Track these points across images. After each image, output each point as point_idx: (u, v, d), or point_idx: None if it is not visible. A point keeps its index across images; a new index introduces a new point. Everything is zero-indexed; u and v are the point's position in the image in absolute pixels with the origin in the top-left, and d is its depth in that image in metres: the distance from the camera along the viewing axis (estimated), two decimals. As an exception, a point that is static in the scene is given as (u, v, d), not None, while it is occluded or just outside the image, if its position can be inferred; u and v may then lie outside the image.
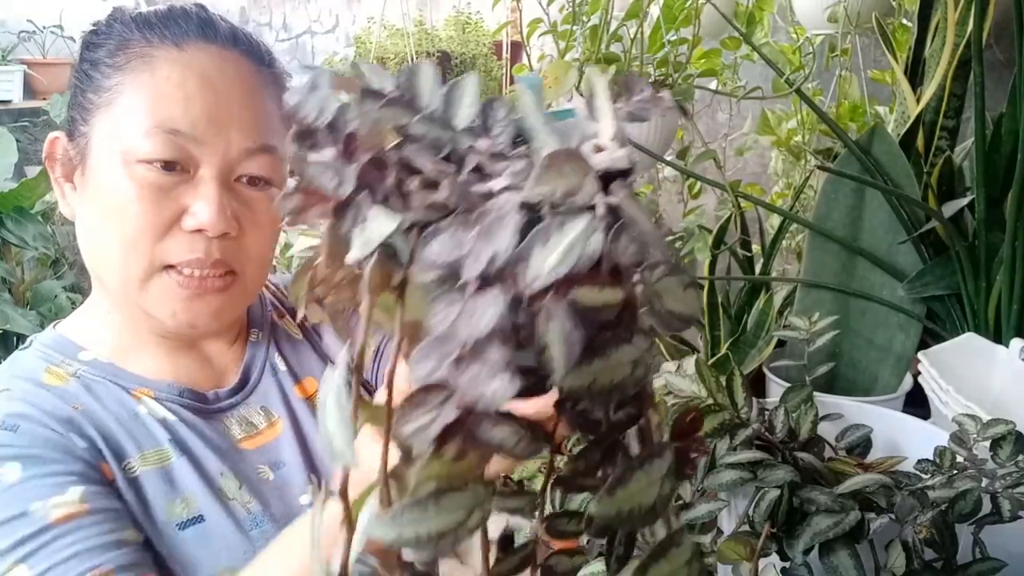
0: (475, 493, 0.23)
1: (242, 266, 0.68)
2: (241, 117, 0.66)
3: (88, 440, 0.64)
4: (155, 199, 0.64)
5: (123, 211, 0.64)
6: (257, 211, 0.69)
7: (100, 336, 0.71)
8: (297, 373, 0.79)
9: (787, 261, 1.86)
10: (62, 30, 3.38)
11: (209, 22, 0.69)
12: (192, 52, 0.66)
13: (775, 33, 1.83)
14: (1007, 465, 0.63)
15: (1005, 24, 1.30)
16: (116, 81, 0.66)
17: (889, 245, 1.23)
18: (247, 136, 0.66)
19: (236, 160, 0.67)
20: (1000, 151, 1.10)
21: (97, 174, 0.66)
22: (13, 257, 2.09)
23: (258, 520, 0.68)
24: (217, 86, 0.66)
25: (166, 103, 0.64)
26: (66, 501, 0.58)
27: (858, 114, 1.70)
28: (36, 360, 0.69)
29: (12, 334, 1.87)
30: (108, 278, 0.67)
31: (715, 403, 0.66)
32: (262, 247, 0.70)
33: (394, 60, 1.81)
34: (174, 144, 0.64)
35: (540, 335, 0.23)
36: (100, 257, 0.67)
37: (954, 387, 0.88)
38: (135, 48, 0.66)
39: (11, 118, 3.10)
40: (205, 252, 0.65)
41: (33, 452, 0.60)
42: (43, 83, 3.27)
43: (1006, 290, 1.09)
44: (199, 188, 0.65)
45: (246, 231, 0.68)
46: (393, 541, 0.23)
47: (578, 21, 1.41)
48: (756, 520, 0.59)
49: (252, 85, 0.69)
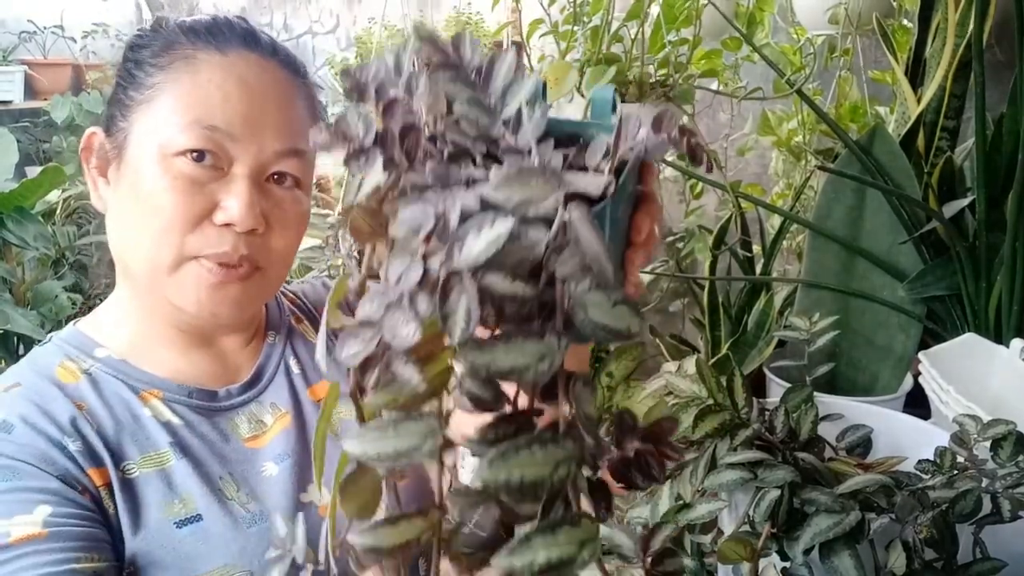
0: (428, 423, 0.28)
1: (267, 262, 0.71)
2: (276, 120, 0.70)
3: (84, 441, 0.65)
4: (189, 191, 0.66)
5: (157, 202, 0.66)
6: (285, 210, 0.71)
7: (117, 332, 0.73)
8: (310, 377, 0.81)
9: (787, 261, 1.86)
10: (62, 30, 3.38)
11: (252, 33, 0.73)
12: (234, 58, 0.69)
13: (776, 34, 1.83)
14: (1007, 465, 0.63)
15: (1005, 24, 1.30)
16: (158, 80, 0.69)
17: (890, 245, 1.23)
18: (279, 138, 0.69)
19: (268, 160, 0.69)
20: (1000, 151, 1.10)
21: (133, 167, 0.68)
22: (13, 257, 2.10)
23: (256, 518, 0.69)
24: (255, 90, 0.69)
25: (205, 101, 0.67)
26: (28, 521, 0.59)
27: (858, 114, 1.70)
28: (52, 355, 0.71)
29: (12, 334, 1.87)
30: (136, 266, 0.69)
31: (715, 403, 0.66)
32: (287, 245, 0.72)
33: (395, 60, 1.81)
34: (210, 139, 0.66)
35: (449, 304, 0.27)
36: (130, 247, 0.69)
37: (954, 387, 0.88)
38: (180, 50, 0.69)
39: (11, 118, 3.10)
40: (232, 246, 0.67)
41: (14, 464, 0.61)
42: (43, 83, 3.28)
43: (1006, 290, 1.09)
44: (232, 185, 0.68)
45: (273, 228, 0.70)
46: (360, 455, 0.27)
47: (579, 22, 1.41)
48: (756, 520, 0.59)
49: (287, 92, 0.72)
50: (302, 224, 0.74)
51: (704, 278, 1.50)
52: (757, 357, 1.35)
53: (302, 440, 0.76)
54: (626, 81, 1.37)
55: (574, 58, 1.44)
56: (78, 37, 3.45)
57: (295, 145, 0.71)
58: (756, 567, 0.57)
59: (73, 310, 2.09)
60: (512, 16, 2.16)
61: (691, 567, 0.62)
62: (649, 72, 1.42)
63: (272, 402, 0.77)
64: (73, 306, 2.11)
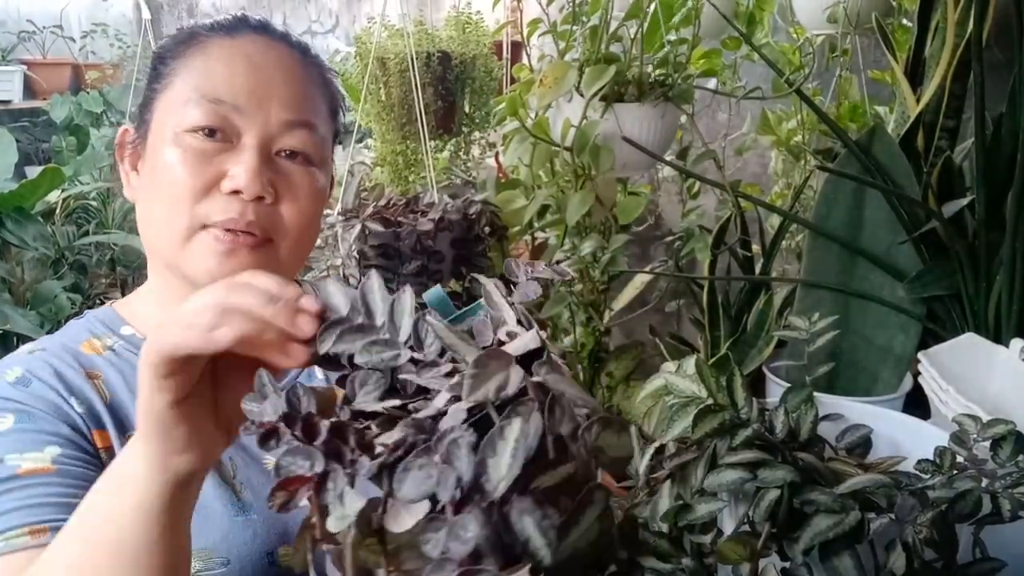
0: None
1: (277, 232, 0.72)
2: (281, 93, 0.72)
3: (88, 406, 0.69)
4: (197, 163, 0.69)
5: (169, 176, 0.70)
6: (294, 183, 0.73)
7: (144, 312, 0.78)
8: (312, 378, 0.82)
9: (787, 261, 1.86)
10: (62, 30, 3.38)
11: (265, 25, 0.77)
12: (242, 40, 0.73)
13: (775, 33, 1.83)
14: (1007, 465, 0.63)
15: (1005, 24, 1.30)
16: (173, 67, 0.73)
17: (889, 245, 1.23)
18: (286, 109, 0.72)
19: (276, 132, 0.72)
20: (1000, 151, 1.10)
21: (153, 151, 0.72)
22: (13, 257, 2.09)
23: (245, 508, 0.71)
24: (259, 65, 0.72)
25: (212, 77, 0.71)
26: (38, 457, 0.64)
27: (858, 114, 1.70)
28: (82, 330, 0.77)
29: (12, 334, 1.87)
30: (156, 243, 0.73)
31: (715, 403, 0.66)
32: (299, 216, 0.73)
33: (394, 60, 1.81)
34: (216, 113, 0.69)
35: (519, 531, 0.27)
36: (152, 225, 0.73)
37: (954, 387, 0.88)
38: (195, 41, 0.73)
39: (11, 118, 3.10)
40: (239, 212, 0.69)
41: (29, 408, 0.66)
42: (43, 83, 3.27)
43: (1006, 290, 1.09)
44: (239, 155, 0.70)
45: (282, 199, 0.72)
46: None
47: (578, 21, 1.41)
48: (756, 520, 0.59)
49: (294, 68, 0.75)
50: (316, 199, 0.75)
51: (703, 278, 1.50)
52: (757, 357, 1.34)
53: None
54: (625, 81, 1.37)
55: (573, 58, 1.44)
56: (77, 37, 3.45)
57: (302, 116, 0.73)
58: (756, 567, 0.57)
59: (73, 310, 2.09)
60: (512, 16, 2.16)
61: (691, 567, 0.62)
62: (648, 72, 1.42)
63: None
64: (73, 306, 2.11)
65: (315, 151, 0.75)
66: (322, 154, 0.76)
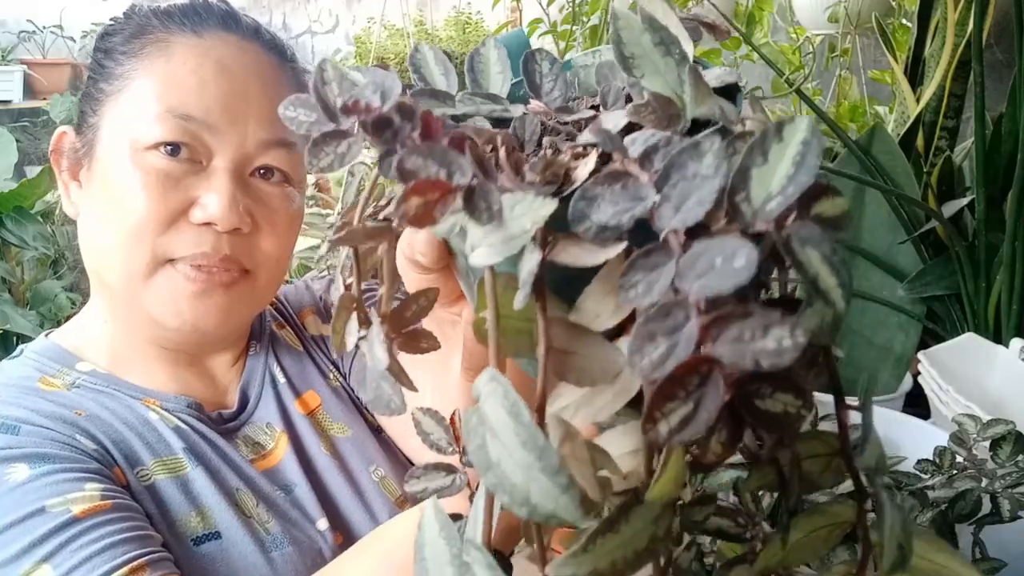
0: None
1: (255, 265, 0.64)
2: (259, 108, 0.63)
3: (96, 443, 0.59)
4: (161, 188, 0.59)
5: (128, 201, 0.60)
6: (273, 208, 0.64)
7: (97, 346, 0.67)
8: (297, 387, 0.75)
9: (787, 261, 1.86)
10: (62, 30, 3.38)
11: (232, 15, 0.66)
12: (212, 41, 0.63)
13: (775, 33, 1.83)
14: (1007, 465, 0.63)
15: (1005, 24, 1.30)
16: (128, 68, 0.62)
17: (889, 245, 1.23)
18: (264, 127, 0.62)
19: (252, 153, 0.63)
20: (1000, 151, 1.10)
21: (103, 165, 0.62)
22: (13, 257, 2.09)
23: (278, 542, 0.62)
24: (235, 74, 0.62)
25: (179, 88, 0.60)
26: (85, 496, 0.53)
27: (858, 114, 1.69)
28: (28, 369, 0.64)
29: (12, 334, 1.87)
30: (110, 276, 0.63)
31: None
32: (278, 247, 0.65)
33: (394, 60, 1.81)
34: (185, 130, 0.60)
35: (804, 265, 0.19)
36: (102, 254, 0.63)
37: (954, 387, 0.88)
38: (152, 35, 0.63)
39: (11, 118, 3.10)
40: (213, 247, 0.60)
41: (39, 451, 0.55)
42: (43, 83, 3.28)
43: (1006, 290, 1.09)
44: (211, 180, 0.61)
45: (261, 228, 0.64)
46: None
47: (578, 21, 1.41)
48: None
49: (272, 77, 0.65)
50: (294, 224, 0.67)
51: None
52: (757, 357, 1.34)
53: (300, 465, 0.69)
54: (625, 81, 1.37)
55: (573, 58, 1.44)
56: (77, 37, 3.45)
57: (282, 135, 0.64)
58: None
59: (72, 310, 2.09)
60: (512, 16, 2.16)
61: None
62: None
63: (267, 422, 0.71)
64: (72, 306, 2.11)
65: (293, 170, 0.66)
66: (300, 172, 0.67)
